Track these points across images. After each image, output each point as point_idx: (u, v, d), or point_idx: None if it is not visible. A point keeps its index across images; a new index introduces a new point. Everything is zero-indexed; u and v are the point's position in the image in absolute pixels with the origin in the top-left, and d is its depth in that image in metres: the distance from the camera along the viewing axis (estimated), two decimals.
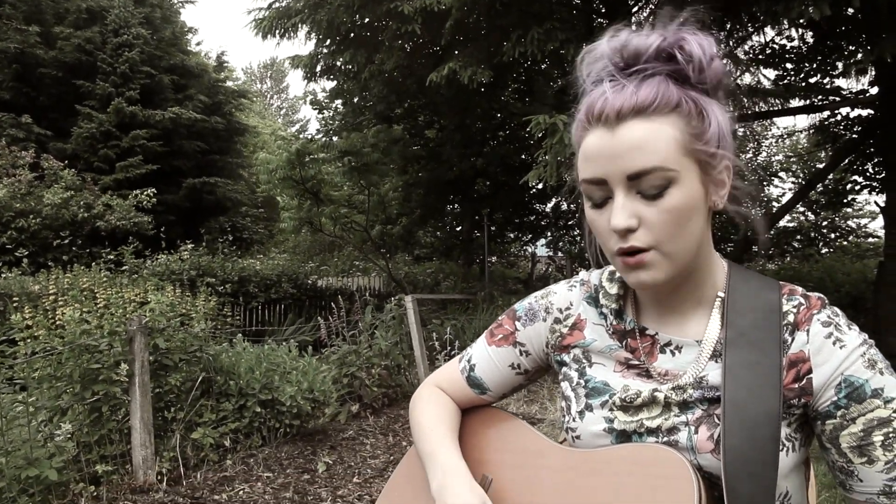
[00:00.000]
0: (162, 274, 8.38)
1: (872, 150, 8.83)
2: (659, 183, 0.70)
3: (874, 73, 7.36)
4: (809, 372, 0.72)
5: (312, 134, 12.43)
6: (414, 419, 0.98)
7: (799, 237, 14.79)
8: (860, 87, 8.54)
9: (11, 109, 13.05)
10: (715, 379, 0.75)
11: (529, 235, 15.57)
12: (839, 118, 9.35)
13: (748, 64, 8.15)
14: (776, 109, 8.38)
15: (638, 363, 0.82)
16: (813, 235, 14.89)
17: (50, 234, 10.66)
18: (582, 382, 0.87)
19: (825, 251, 14.68)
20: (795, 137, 16.46)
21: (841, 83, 8.48)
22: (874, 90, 7.97)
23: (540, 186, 11.12)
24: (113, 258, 9.01)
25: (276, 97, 42.24)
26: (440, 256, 14.96)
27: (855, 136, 8.98)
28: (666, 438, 0.76)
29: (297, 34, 8.12)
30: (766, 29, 7.99)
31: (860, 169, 9.99)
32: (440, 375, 1.03)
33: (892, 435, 0.69)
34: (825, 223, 15.28)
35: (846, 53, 7.85)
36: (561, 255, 15.27)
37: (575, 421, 0.85)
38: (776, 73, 8.67)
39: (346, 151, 9.62)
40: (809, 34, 7.90)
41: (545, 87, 9.54)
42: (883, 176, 8.65)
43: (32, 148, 12.15)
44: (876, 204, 9.34)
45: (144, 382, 3.52)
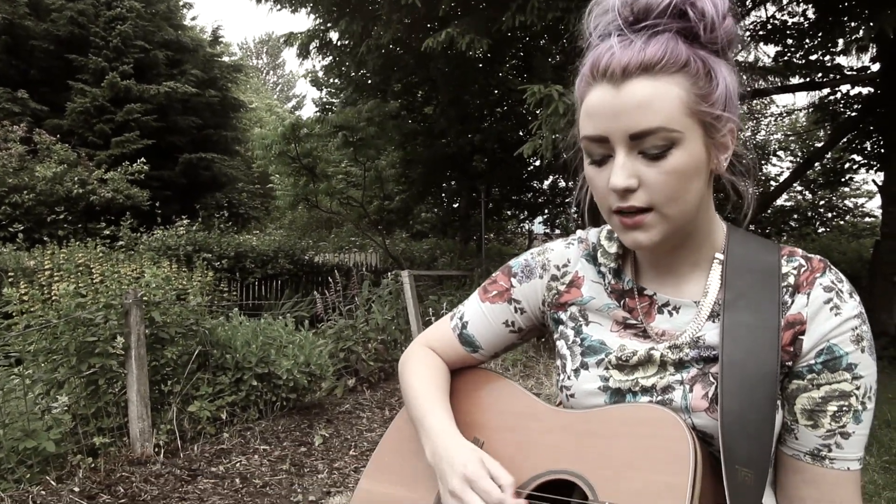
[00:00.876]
0: (158, 249, 8.37)
1: (872, 128, 8.80)
2: (661, 143, 0.68)
3: (875, 49, 7.31)
4: (803, 334, 0.72)
5: (310, 115, 12.33)
6: (404, 380, 0.97)
7: (796, 216, 14.80)
8: (861, 64, 8.49)
9: (1, 83, 12.88)
10: (712, 339, 0.75)
11: (526, 213, 15.55)
12: (839, 96, 9.31)
13: (749, 40, 8.07)
14: (776, 87, 8.32)
15: (635, 323, 0.82)
16: (810, 215, 14.91)
17: (44, 209, 10.61)
18: (578, 341, 0.86)
19: (822, 230, 14.71)
20: (794, 116, 16.40)
21: (841, 60, 8.43)
22: (875, 67, 7.92)
23: (537, 163, 11.09)
24: (109, 233, 8.98)
25: (272, 73, 41.79)
26: (437, 233, 14.95)
27: (854, 113, 8.94)
28: (660, 397, 0.76)
29: None
30: (767, 4, 7.90)
31: (859, 147, 9.97)
32: (430, 334, 1.02)
33: (845, 408, 0.70)
34: (822, 202, 15.29)
35: (847, 29, 7.78)
36: (558, 232, 15.28)
37: (570, 379, 0.85)
38: (776, 49, 8.60)
39: (340, 126, 9.52)
40: (811, 9, 7.81)
41: (543, 62, 9.43)
42: (882, 154, 8.63)
43: (25, 121, 12.03)
44: (874, 182, 9.35)
45: (141, 356, 3.52)
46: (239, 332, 4.31)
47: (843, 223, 15.10)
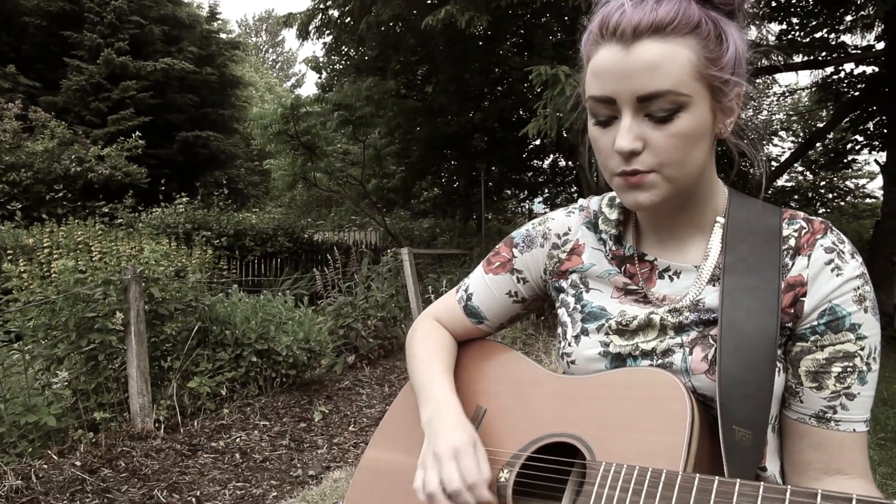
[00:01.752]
0: (157, 227, 8.36)
1: (875, 107, 8.74)
2: (669, 107, 0.67)
3: (881, 28, 7.22)
4: (804, 296, 0.71)
5: (309, 94, 12.23)
6: (410, 352, 0.97)
7: (796, 197, 14.78)
8: (866, 43, 8.40)
9: None
10: (712, 301, 0.74)
11: (526, 192, 15.50)
12: (843, 75, 9.23)
13: (752, 18, 7.97)
14: (779, 65, 8.23)
15: (636, 288, 0.82)
16: (811, 195, 14.88)
17: (43, 187, 10.56)
18: (578, 307, 0.86)
19: (822, 211, 14.69)
20: (797, 96, 16.28)
21: (846, 39, 8.34)
22: (880, 45, 7.83)
23: (538, 142, 11.02)
24: (107, 211, 8.95)
25: (271, 51, 41.37)
26: (437, 212, 14.92)
27: (857, 93, 8.87)
28: (660, 361, 0.76)
29: None
30: None
31: (861, 128, 9.92)
32: (437, 307, 1.03)
33: (850, 369, 0.70)
34: (823, 183, 15.25)
35: (854, 7, 7.68)
36: None
37: (570, 346, 0.85)
38: (780, 27, 8.50)
39: (339, 104, 9.44)
40: None
41: (544, 39, 9.31)
42: (885, 133, 8.58)
43: (20, 98, 11.91)
44: (876, 162, 9.30)
45: (140, 331, 3.53)
46: (238, 308, 4.32)
47: (843, 204, 15.08)
